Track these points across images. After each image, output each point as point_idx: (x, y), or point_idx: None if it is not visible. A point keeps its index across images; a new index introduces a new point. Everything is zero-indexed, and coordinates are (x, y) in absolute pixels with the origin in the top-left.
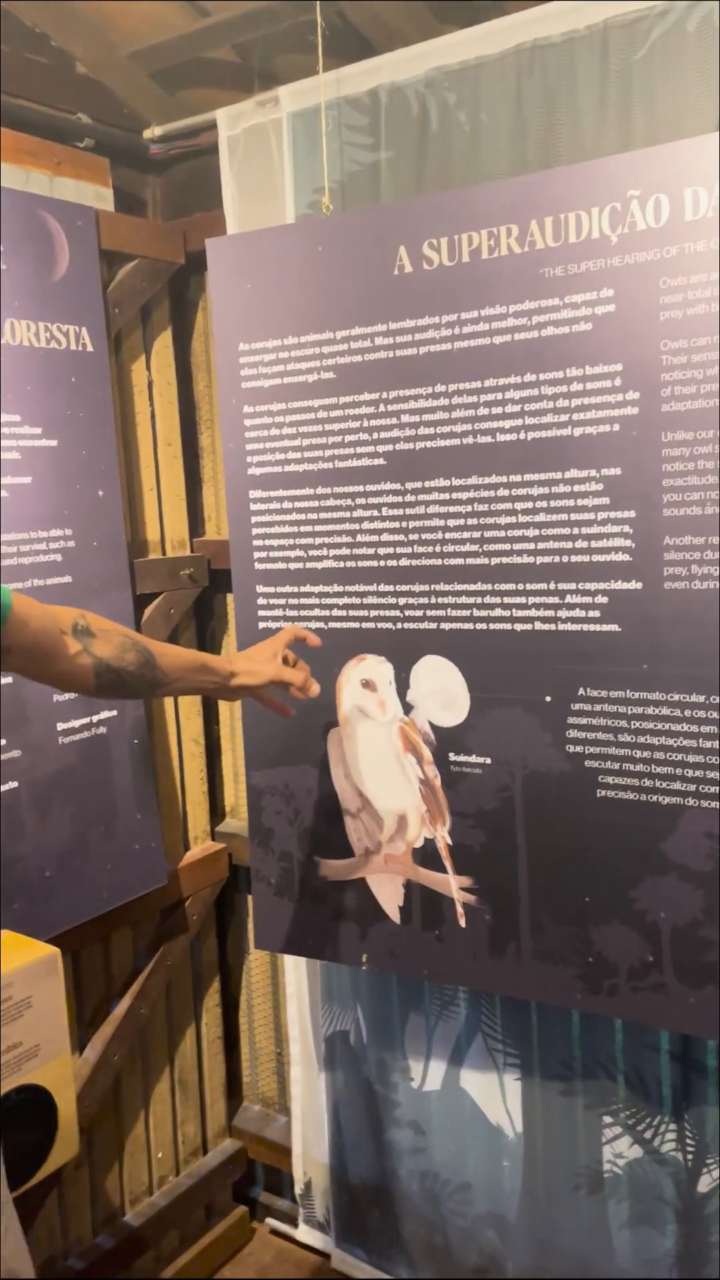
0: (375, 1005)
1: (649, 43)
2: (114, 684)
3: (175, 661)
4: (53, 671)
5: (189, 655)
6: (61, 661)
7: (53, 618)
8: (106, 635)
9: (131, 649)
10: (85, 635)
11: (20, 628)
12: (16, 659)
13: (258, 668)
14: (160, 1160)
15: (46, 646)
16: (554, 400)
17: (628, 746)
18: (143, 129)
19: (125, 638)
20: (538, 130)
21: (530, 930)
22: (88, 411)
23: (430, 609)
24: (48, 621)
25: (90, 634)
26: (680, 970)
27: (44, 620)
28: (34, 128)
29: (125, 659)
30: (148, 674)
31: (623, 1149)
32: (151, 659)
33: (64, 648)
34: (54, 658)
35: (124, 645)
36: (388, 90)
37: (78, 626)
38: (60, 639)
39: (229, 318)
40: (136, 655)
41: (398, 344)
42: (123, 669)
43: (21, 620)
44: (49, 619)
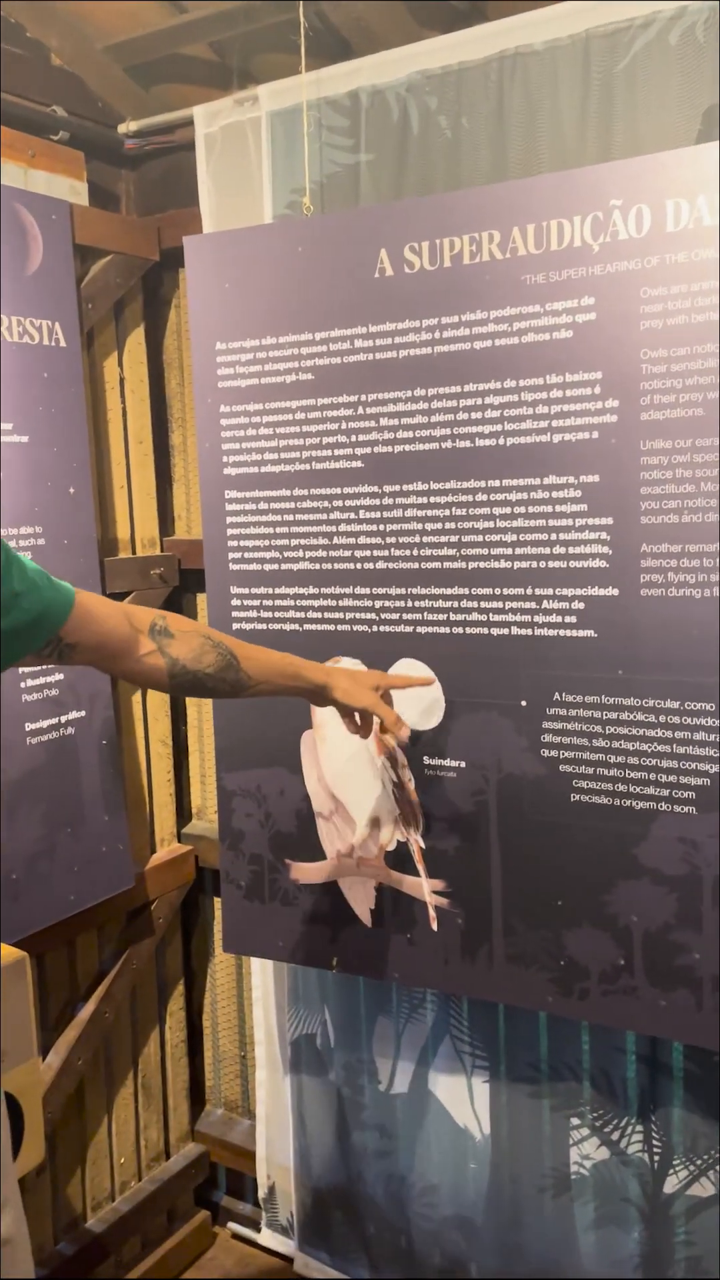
0: (343, 1008)
1: (631, 54)
2: (191, 684)
3: (263, 665)
4: (123, 668)
5: (280, 661)
6: (130, 660)
7: (128, 616)
8: (185, 637)
9: (211, 651)
10: (162, 635)
11: (82, 625)
12: (84, 654)
13: (359, 693)
14: (123, 1165)
15: (115, 645)
16: (534, 406)
17: (602, 751)
18: (118, 123)
19: (205, 640)
20: (518, 137)
21: (502, 933)
22: (59, 408)
23: (407, 612)
24: (119, 620)
25: (168, 634)
26: (652, 974)
27: (115, 619)
28: (8, 119)
29: (203, 661)
30: (229, 676)
31: (589, 1150)
32: (234, 662)
33: (136, 647)
34: (124, 656)
35: (203, 647)
36: (368, 92)
37: (155, 627)
38: (134, 638)
39: (206, 316)
40: (217, 657)
41: (377, 347)
42: (200, 671)
43: (84, 618)
44: (121, 618)
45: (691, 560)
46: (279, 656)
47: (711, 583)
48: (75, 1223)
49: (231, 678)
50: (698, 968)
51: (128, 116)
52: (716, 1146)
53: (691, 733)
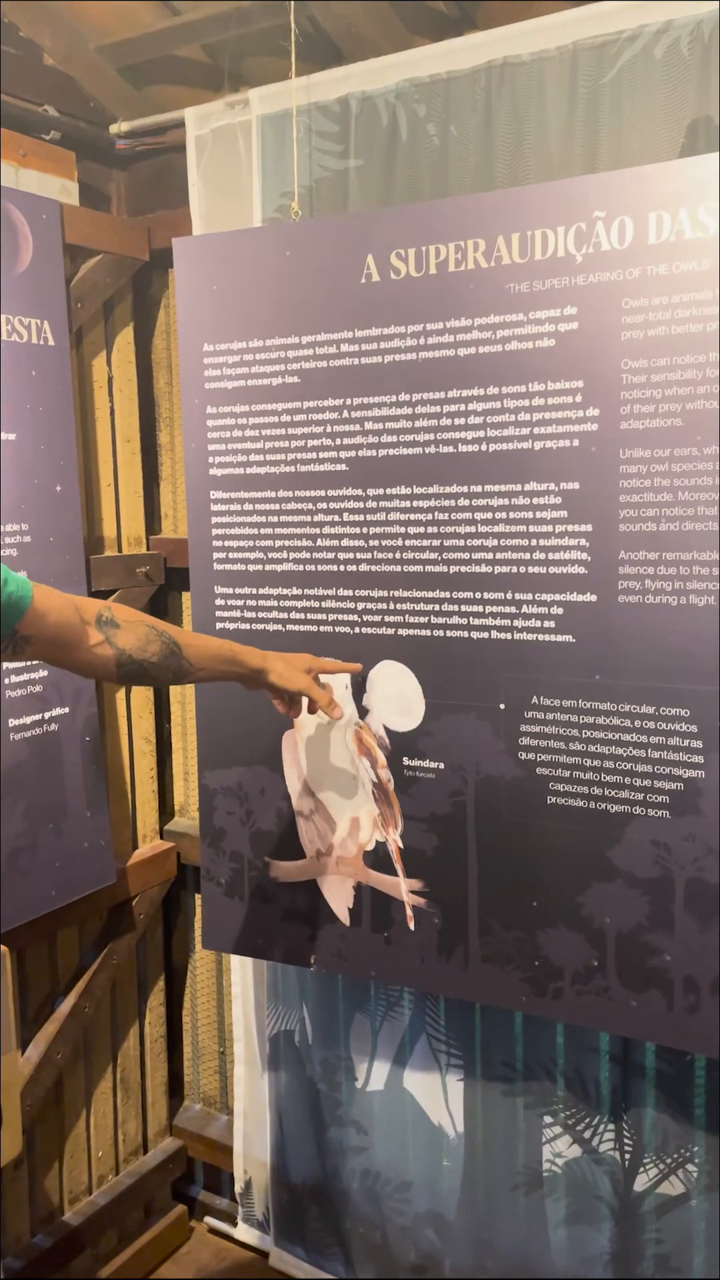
0: (321, 1005)
1: (617, 66)
2: (137, 674)
3: (203, 651)
4: (74, 660)
5: (217, 645)
6: (82, 651)
7: (77, 609)
8: (131, 627)
9: (156, 640)
10: (109, 626)
11: (39, 619)
12: (37, 648)
13: (293, 675)
14: (100, 1159)
15: (67, 637)
16: (515, 414)
17: (578, 755)
18: (109, 123)
19: (150, 629)
20: (505, 146)
21: (478, 933)
22: (47, 406)
23: (388, 615)
24: (70, 613)
25: (115, 625)
26: (624, 975)
27: (67, 611)
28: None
29: (149, 650)
30: (172, 664)
31: (562, 1149)
32: (176, 650)
33: (85, 639)
34: (75, 648)
35: (148, 637)
36: (358, 99)
37: (102, 618)
38: (83, 630)
39: (194, 318)
40: (161, 646)
41: (363, 351)
42: (145, 660)
43: (41, 612)
44: (72, 610)
45: (668, 568)
46: (217, 642)
47: (688, 590)
48: (52, 1215)
49: (174, 665)
50: (669, 969)
51: (119, 117)
52: (687, 1145)
53: (666, 738)
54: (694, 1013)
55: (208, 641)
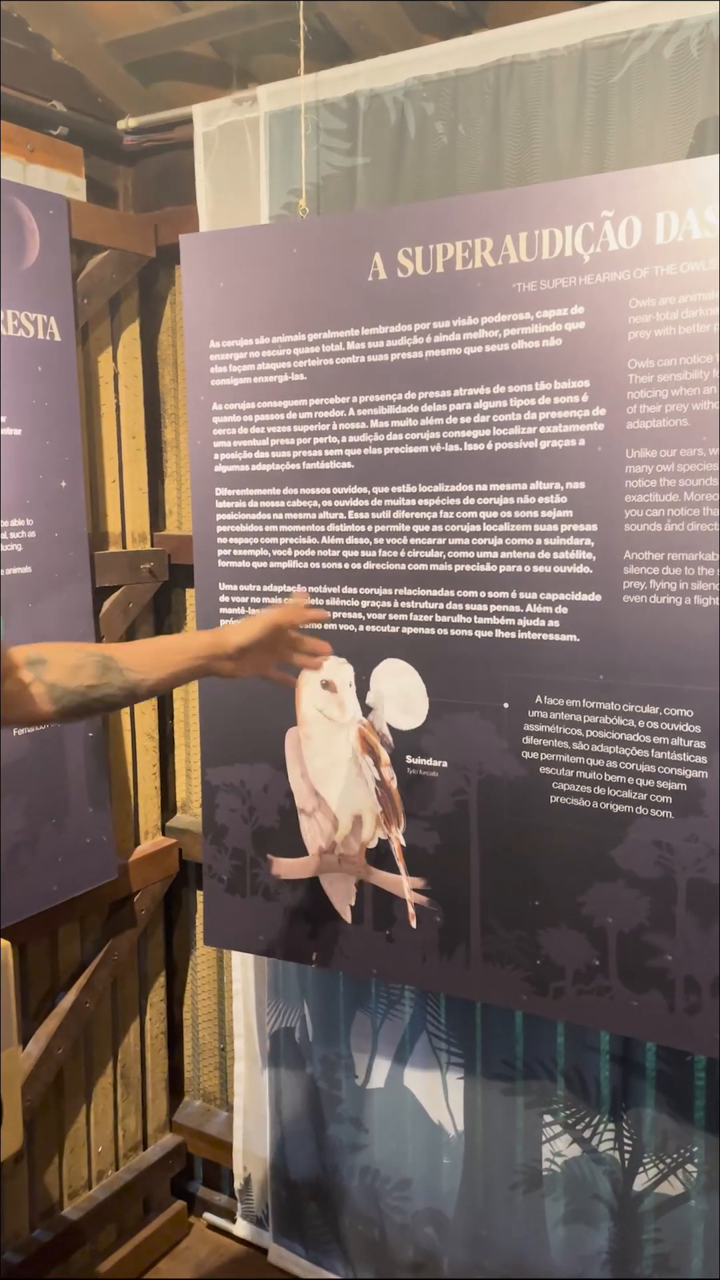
0: (321, 1003)
1: (626, 66)
2: (78, 705)
3: (142, 656)
4: (16, 714)
5: (159, 643)
6: (20, 700)
7: (6, 657)
8: (59, 657)
9: (87, 663)
10: (37, 665)
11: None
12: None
13: (249, 622)
14: (100, 1154)
15: (8, 694)
16: (522, 413)
17: (581, 755)
18: (117, 119)
19: (79, 654)
20: (513, 145)
21: (480, 932)
22: (53, 401)
23: (393, 613)
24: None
25: (42, 662)
26: (625, 975)
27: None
28: (8, 113)
29: (81, 676)
30: (114, 680)
31: (561, 1148)
32: (112, 664)
33: (11, 685)
34: (13, 699)
35: (77, 663)
36: (366, 96)
37: (30, 659)
38: (10, 675)
39: (201, 315)
40: (94, 667)
41: (370, 349)
42: (79, 686)
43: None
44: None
45: (674, 568)
46: (161, 641)
47: (693, 591)
48: (52, 1210)
49: (117, 681)
50: (670, 970)
51: (127, 113)
52: (686, 1146)
53: (669, 738)
54: (695, 1013)
55: (146, 645)
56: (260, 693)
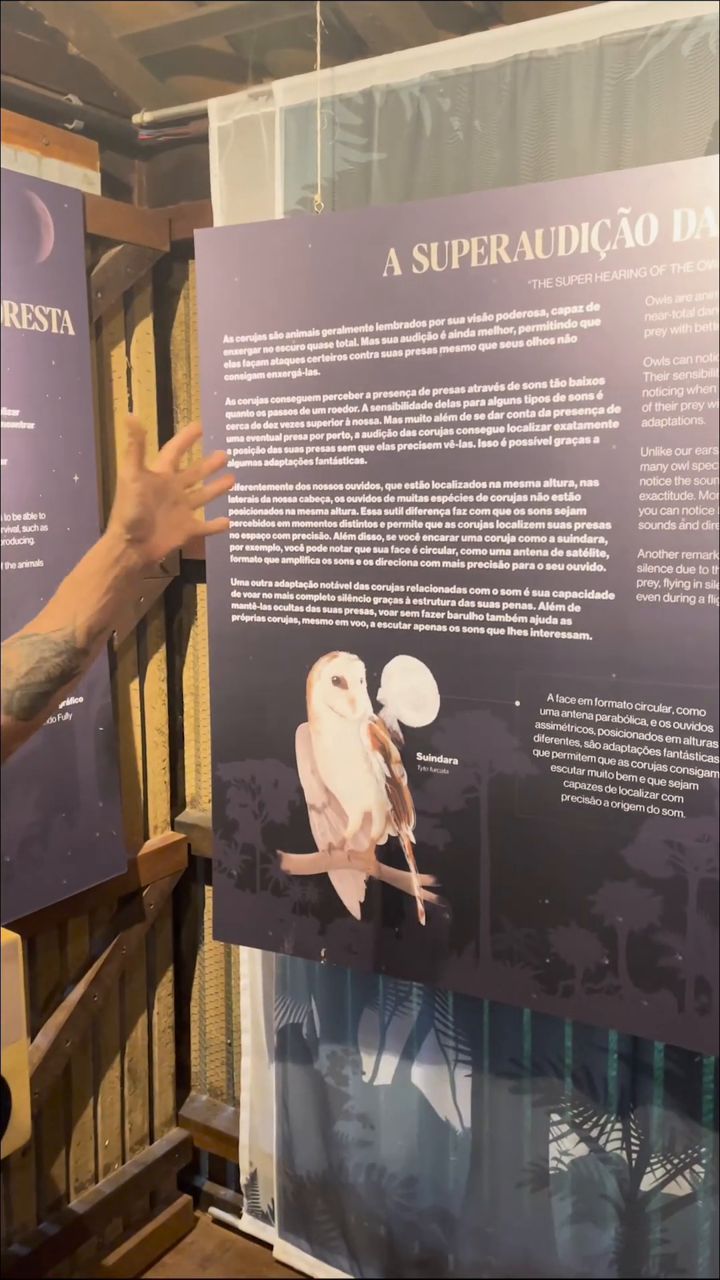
0: (329, 999)
1: (644, 63)
2: (33, 697)
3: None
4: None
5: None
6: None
7: None
8: None
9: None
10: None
11: None
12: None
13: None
14: (107, 1148)
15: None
16: (536, 410)
17: (593, 753)
18: (132, 113)
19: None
20: (530, 141)
21: (489, 930)
22: (66, 395)
23: (404, 610)
24: None
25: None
26: (635, 974)
27: None
28: (24, 107)
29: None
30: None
31: (569, 1146)
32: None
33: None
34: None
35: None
36: (382, 92)
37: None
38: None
39: (215, 310)
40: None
41: (384, 345)
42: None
43: None
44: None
45: (688, 567)
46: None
47: (707, 590)
48: (59, 1203)
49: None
50: (680, 969)
51: (142, 107)
52: (694, 1146)
53: (682, 737)
54: (704, 1013)
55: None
56: (271, 689)
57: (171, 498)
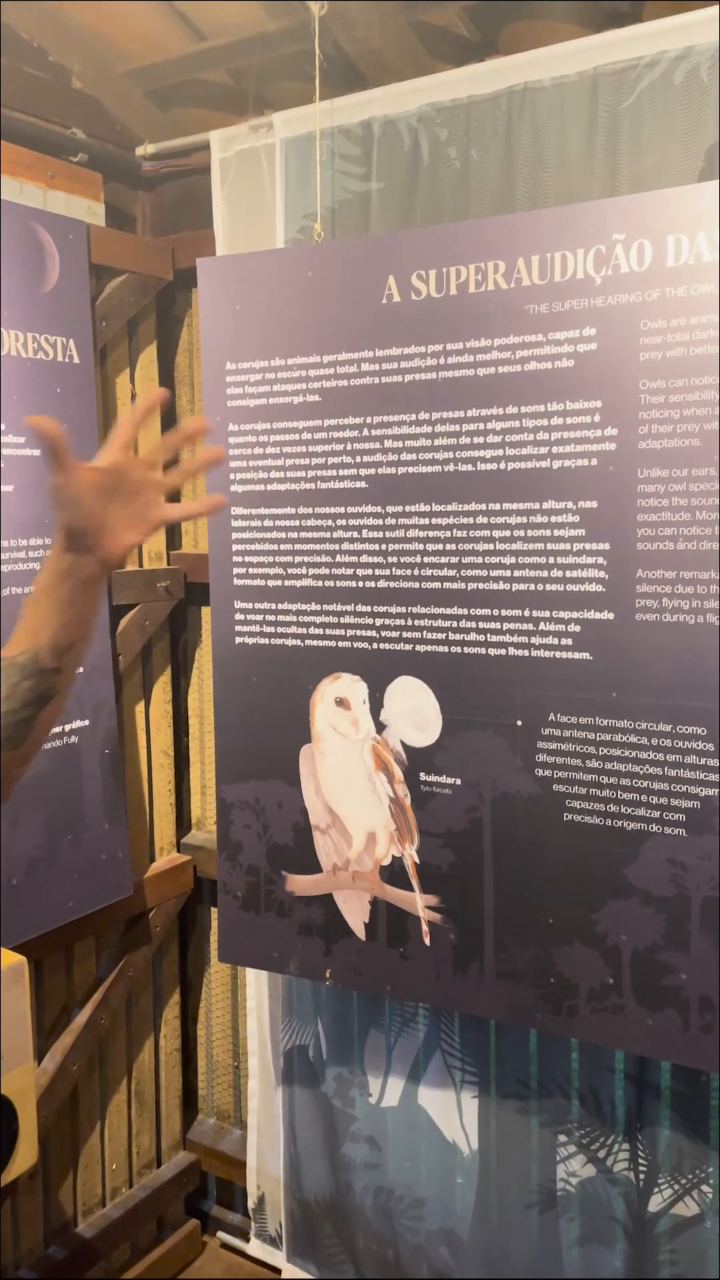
0: (336, 1020)
1: (636, 92)
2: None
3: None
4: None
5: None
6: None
7: None
8: None
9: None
10: None
11: None
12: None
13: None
14: (114, 1171)
15: None
16: (534, 433)
17: (595, 772)
18: (135, 145)
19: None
20: (525, 169)
21: (494, 949)
22: (71, 422)
23: (406, 631)
24: None
25: None
26: (639, 993)
27: None
28: (29, 140)
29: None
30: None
31: (576, 1167)
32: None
33: None
34: None
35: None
36: (380, 122)
37: None
38: None
39: (217, 337)
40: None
41: (383, 370)
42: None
43: None
44: None
45: (686, 586)
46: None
47: (705, 609)
48: (66, 1227)
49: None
50: (685, 988)
51: (145, 140)
52: (701, 1166)
53: (683, 755)
54: (709, 1032)
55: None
56: (275, 710)
57: (128, 489)
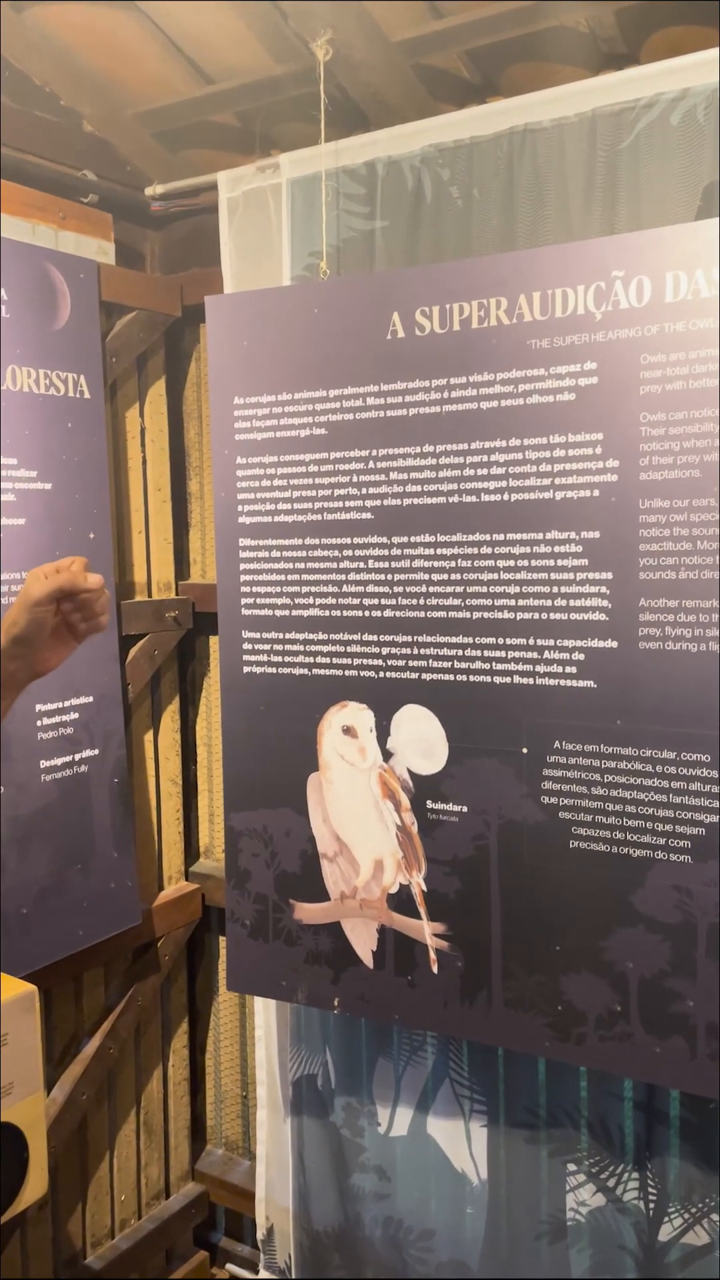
0: (344, 1049)
1: (635, 133)
2: None
3: None
4: None
5: None
6: None
7: None
8: None
9: None
10: None
11: None
12: None
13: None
14: (123, 1203)
15: None
16: (537, 465)
17: (600, 799)
18: (144, 186)
19: None
20: (526, 208)
21: (501, 977)
22: (82, 456)
23: (412, 659)
24: None
25: None
26: (647, 1020)
27: None
28: (42, 183)
29: None
30: None
31: (585, 1197)
32: None
33: None
34: None
35: None
36: (384, 163)
37: None
38: None
39: (225, 372)
40: None
41: (388, 404)
42: None
43: None
44: None
45: (688, 615)
46: None
47: (708, 637)
48: (75, 1259)
49: None
50: (692, 1015)
51: (154, 180)
52: (711, 1195)
53: (688, 782)
54: (716, 1059)
55: None
56: (283, 739)
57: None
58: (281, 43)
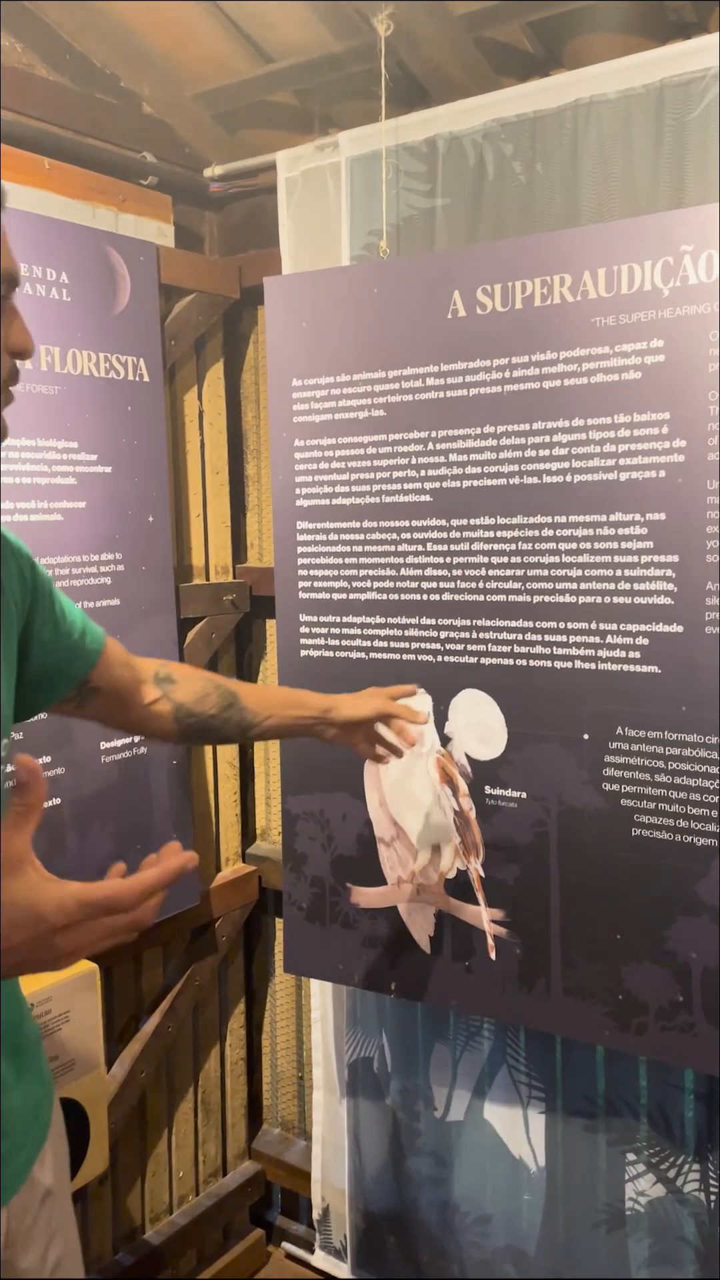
0: (400, 1033)
1: (704, 103)
2: (198, 729)
3: (264, 699)
4: (130, 718)
5: (281, 693)
6: (137, 709)
7: (134, 666)
8: (187, 681)
9: (213, 692)
10: (165, 683)
11: (108, 669)
12: (100, 702)
13: (363, 702)
14: (181, 1179)
15: (127, 693)
16: (601, 445)
17: (664, 787)
18: (203, 167)
19: (207, 682)
20: (591, 183)
21: (560, 965)
22: (142, 440)
23: (471, 644)
24: (130, 669)
25: (171, 681)
26: (710, 1012)
27: (128, 667)
28: (102, 165)
29: (207, 703)
30: (233, 716)
31: (645, 1187)
32: (236, 701)
33: (140, 696)
34: (133, 704)
35: (205, 690)
36: (445, 139)
37: (159, 675)
38: (138, 687)
39: (283, 354)
40: (219, 698)
41: (448, 385)
42: (204, 713)
43: (109, 662)
44: (131, 667)
45: None
46: (282, 690)
47: None
48: (134, 1234)
49: (236, 717)
50: None
51: (213, 161)
52: None
53: None
54: None
55: (269, 690)
56: None
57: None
58: (342, 19)
